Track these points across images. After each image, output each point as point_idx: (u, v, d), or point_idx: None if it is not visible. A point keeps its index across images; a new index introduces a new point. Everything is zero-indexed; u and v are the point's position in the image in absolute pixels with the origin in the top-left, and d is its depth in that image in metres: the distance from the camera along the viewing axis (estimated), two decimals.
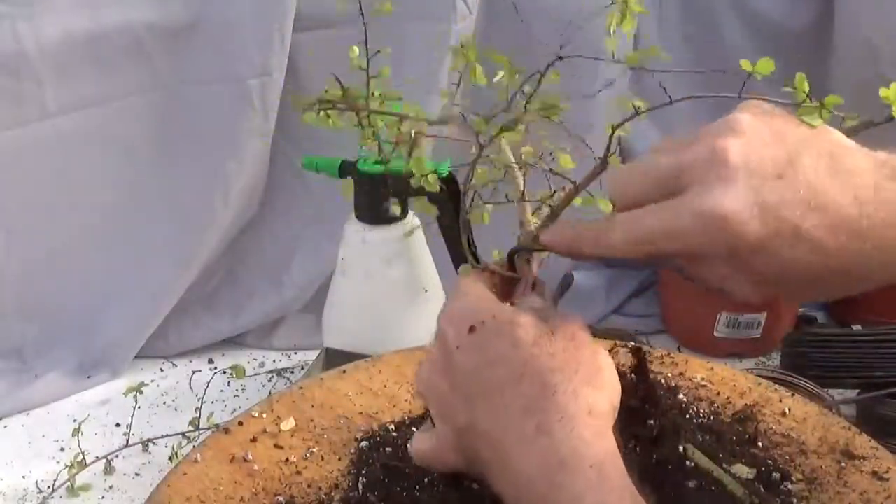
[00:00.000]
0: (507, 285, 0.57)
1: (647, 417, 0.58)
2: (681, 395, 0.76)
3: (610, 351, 0.57)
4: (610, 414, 0.49)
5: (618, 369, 0.53)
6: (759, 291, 0.49)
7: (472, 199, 0.56)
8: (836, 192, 0.46)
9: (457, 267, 0.98)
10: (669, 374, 0.78)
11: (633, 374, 0.58)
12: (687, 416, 0.69)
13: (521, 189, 0.57)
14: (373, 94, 0.59)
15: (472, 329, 0.51)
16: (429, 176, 0.59)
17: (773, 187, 0.46)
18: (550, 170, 0.55)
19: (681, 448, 0.58)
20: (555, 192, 0.56)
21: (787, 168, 0.47)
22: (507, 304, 0.53)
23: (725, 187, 0.46)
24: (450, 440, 0.52)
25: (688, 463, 0.59)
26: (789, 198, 0.46)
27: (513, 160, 0.56)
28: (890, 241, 0.46)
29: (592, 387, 0.49)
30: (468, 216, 0.57)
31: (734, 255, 0.47)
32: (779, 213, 0.46)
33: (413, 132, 0.56)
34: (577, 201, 0.55)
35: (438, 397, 0.53)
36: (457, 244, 0.97)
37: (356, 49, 0.57)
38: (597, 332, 0.54)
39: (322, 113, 0.58)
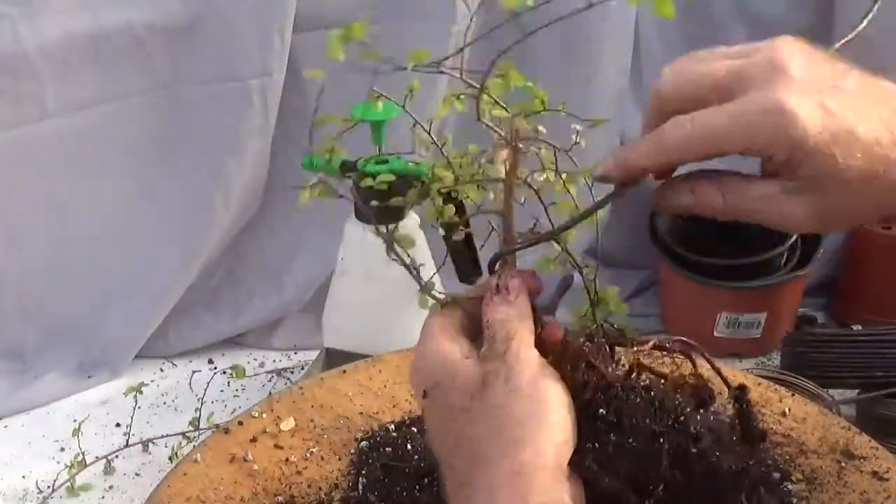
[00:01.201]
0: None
1: (596, 409, 0.53)
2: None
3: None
4: (539, 466, 0.47)
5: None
6: (812, 212, 0.49)
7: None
8: (881, 107, 0.49)
9: (457, 268, 0.98)
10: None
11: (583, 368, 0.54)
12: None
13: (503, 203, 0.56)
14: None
15: (425, 394, 0.51)
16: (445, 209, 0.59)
17: (832, 93, 0.49)
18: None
19: None
20: (535, 224, 0.56)
21: (839, 80, 0.50)
22: (451, 363, 0.51)
23: (789, 88, 0.48)
24: None
25: None
26: (845, 103, 0.48)
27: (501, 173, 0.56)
28: None
29: (522, 443, 0.47)
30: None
31: (794, 155, 0.47)
32: (836, 115, 0.48)
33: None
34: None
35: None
36: (460, 253, 0.97)
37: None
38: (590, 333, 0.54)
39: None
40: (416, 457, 0.68)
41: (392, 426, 0.74)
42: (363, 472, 0.69)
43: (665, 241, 1.15)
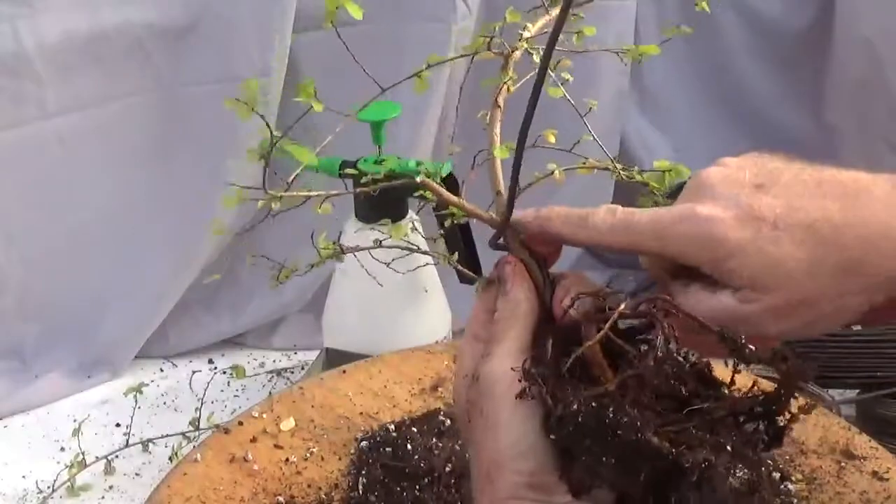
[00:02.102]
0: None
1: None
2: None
3: None
4: (521, 496, 0.46)
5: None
6: (776, 315, 0.48)
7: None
8: (819, 198, 0.47)
9: (458, 273, 0.98)
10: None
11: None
12: None
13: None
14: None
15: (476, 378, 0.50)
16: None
17: (751, 193, 0.48)
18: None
19: None
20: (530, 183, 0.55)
21: (766, 179, 0.49)
22: (460, 379, 0.51)
23: (704, 197, 0.48)
24: None
25: None
26: (767, 200, 0.47)
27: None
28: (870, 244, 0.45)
29: (489, 481, 0.46)
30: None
31: (719, 256, 0.47)
32: (757, 213, 0.47)
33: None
34: None
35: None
36: (456, 244, 0.97)
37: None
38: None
39: None
40: (416, 457, 0.68)
41: (392, 426, 0.74)
42: (363, 472, 0.69)
43: None
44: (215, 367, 1.14)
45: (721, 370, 0.50)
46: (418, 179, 0.55)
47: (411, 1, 1.10)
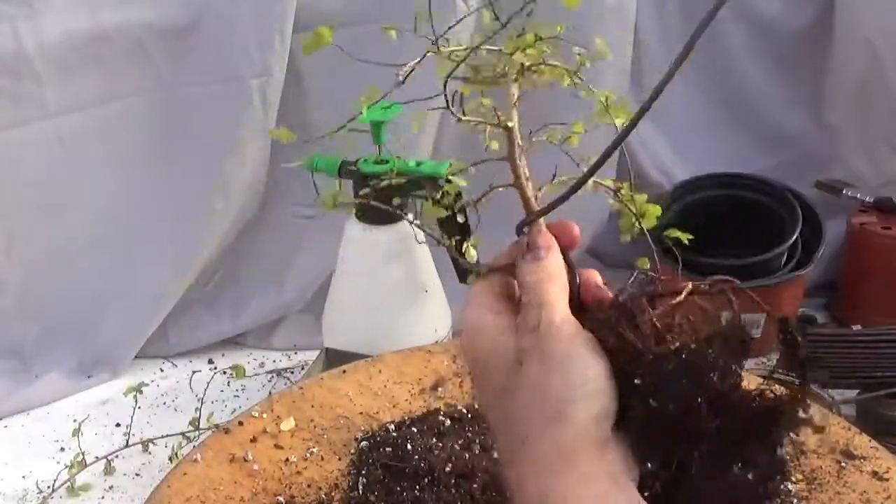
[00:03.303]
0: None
1: (633, 376, 0.51)
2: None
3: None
4: (582, 438, 0.47)
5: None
6: None
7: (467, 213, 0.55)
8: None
9: (457, 267, 0.98)
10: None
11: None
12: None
13: (524, 171, 0.56)
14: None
15: (469, 372, 0.52)
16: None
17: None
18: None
19: None
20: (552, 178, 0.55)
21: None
22: (492, 340, 0.51)
23: None
24: None
25: None
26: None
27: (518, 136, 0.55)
28: None
29: (561, 422, 0.47)
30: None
31: None
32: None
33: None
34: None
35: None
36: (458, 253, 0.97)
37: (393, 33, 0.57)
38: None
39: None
40: (416, 457, 0.67)
41: (392, 426, 0.74)
42: (363, 472, 0.69)
43: (665, 241, 1.15)
44: (215, 367, 1.14)
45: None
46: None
47: (411, 1, 1.09)
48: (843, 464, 0.71)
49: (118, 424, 1.03)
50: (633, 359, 0.49)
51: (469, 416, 0.74)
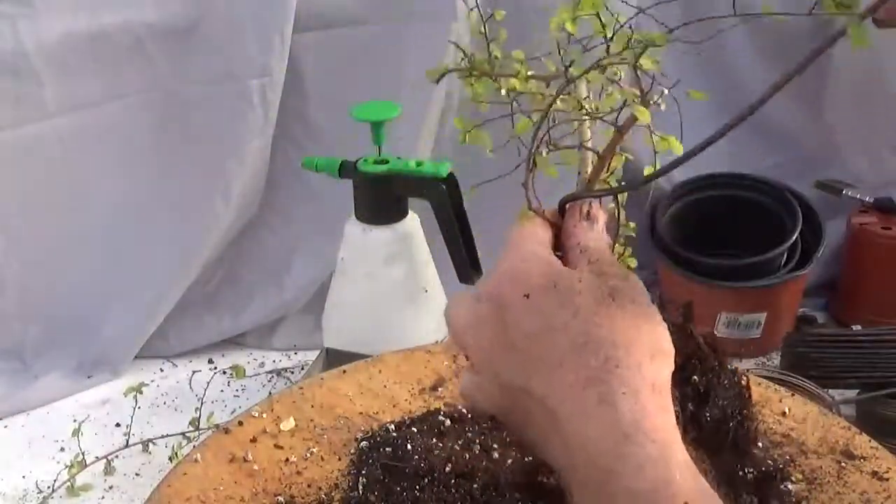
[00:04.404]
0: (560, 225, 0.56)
1: (691, 374, 0.56)
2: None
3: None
4: (669, 387, 0.49)
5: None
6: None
7: (536, 149, 0.54)
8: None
9: (457, 267, 0.98)
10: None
11: (677, 331, 0.54)
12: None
13: (587, 138, 0.56)
14: (496, 56, 0.58)
15: (528, 295, 0.50)
16: None
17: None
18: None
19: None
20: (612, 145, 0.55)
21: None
22: (567, 268, 0.52)
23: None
24: (490, 390, 0.53)
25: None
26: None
27: (585, 106, 0.55)
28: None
29: (654, 361, 0.48)
30: (534, 161, 0.55)
31: None
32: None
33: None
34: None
35: (482, 350, 0.52)
36: (456, 243, 0.97)
37: (473, 14, 0.57)
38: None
39: (467, 79, 0.58)
40: (416, 457, 0.67)
41: (392, 426, 0.74)
42: (363, 472, 0.69)
43: (665, 241, 1.15)
44: (215, 367, 1.14)
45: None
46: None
47: (411, 1, 1.10)
48: (843, 464, 0.71)
49: (118, 424, 1.03)
50: (694, 357, 0.51)
51: (469, 416, 0.74)
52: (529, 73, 0.56)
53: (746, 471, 0.56)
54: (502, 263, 0.52)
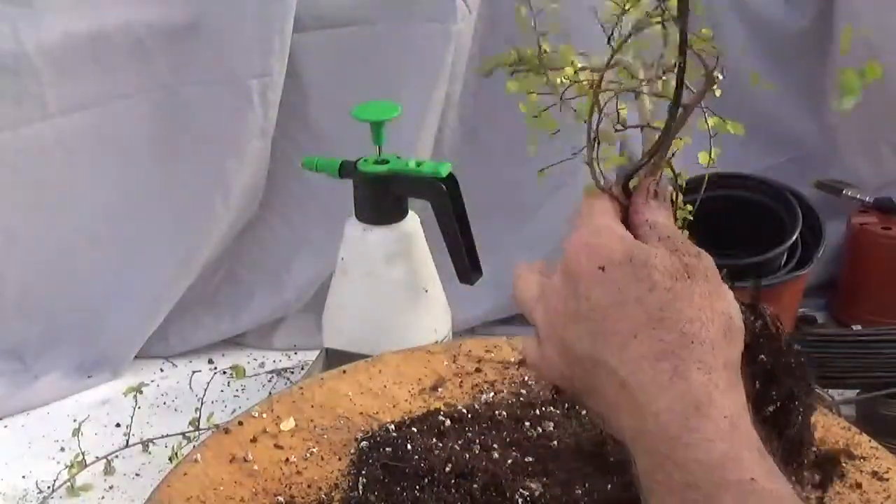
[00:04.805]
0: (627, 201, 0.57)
1: (760, 352, 0.57)
2: None
3: None
4: (739, 365, 0.50)
5: None
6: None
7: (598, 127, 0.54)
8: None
9: (457, 267, 0.98)
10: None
11: (747, 310, 0.56)
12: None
13: (648, 116, 0.56)
14: (545, 51, 0.58)
15: (603, 268, 0.51)
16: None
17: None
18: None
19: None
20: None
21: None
22: (641, 243, 0.53)
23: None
24: (555, 360, 0.54)
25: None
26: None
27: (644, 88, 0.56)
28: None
29: (727, 339, 0.49)
30: (598, 136, 0.56)
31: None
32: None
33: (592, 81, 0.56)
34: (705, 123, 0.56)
35: (551, 319, 0.53)
36: (456, 243, 0.97)
37: (523, 9, 0.57)
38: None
39: (513, 75, 0.58)
40: (416, 457, 0.67)
41: (392, 426, 0.74)
42: (363, 472, 0.69)
43: None
44: (215, 367, 1.14)
45: None
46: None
47: (411, 1, 1.10)
48: (843, 464, 0.71)
49: (118, 424, 1.03)
50: (762, 337, 0.54)
51: (469, 416, 0.74)
52: (580, 65, 0.56)
53: (810, 450, 0.57)
54: (573, 238, 0.53)
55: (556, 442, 0.69)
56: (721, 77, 0.53)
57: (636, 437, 0.49)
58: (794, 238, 1.12)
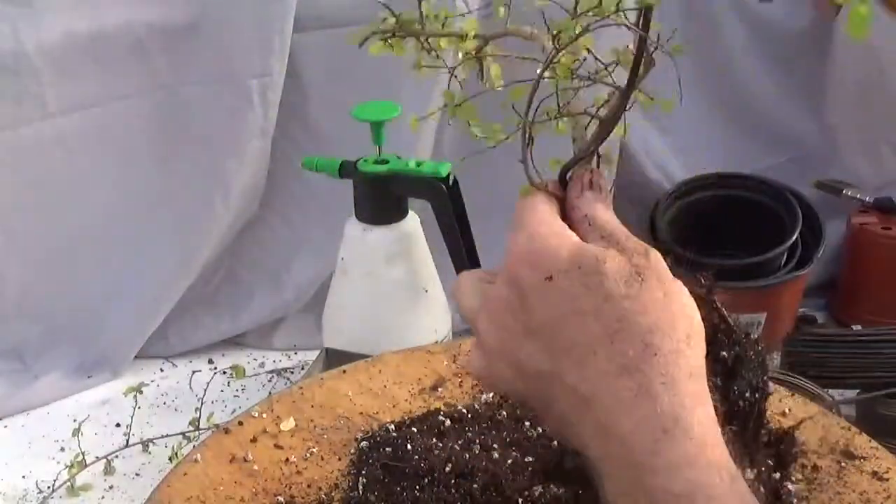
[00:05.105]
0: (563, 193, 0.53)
1: (720, 348, 0.55)
2: None
3: None
4: (705, 371, 0.47)
5: None
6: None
7: (534, 114, 0.52)
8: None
9: (457, 267, 0.98)
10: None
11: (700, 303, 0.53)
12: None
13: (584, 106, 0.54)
14: (427, 16, 0.57)
15: (550, 277, 0.47)
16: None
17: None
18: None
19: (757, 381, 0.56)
20: (607, 100, 0.52)
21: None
22: (587, 245, 0.49)
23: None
24: (507, 375, 0.50)
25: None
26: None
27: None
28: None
29: (690, 345, 0.47)
30: (531, 133, 0.52)
31: None
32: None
33: (476, 50, 0.53)
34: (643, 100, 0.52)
35: (499, 334, 0.50)
36: (456, 243, 0.97)
37: None
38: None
39: (386, 42, 0.57)
40: (416, 457, 0.67)
41: (392, 426, 0.74)
42: (363, 472, 0.69)
43: (665, 241, 1.15)
44: (215, 367, 1.14)
45: None
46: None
47: (411, 1, 1.09)
48: (843, 464, 0.71)
49: (118, 424, 1.03)
50: (721, 332, 0.52)
51: (469, 416, 0.74)
52: (472, 33, 0.54)
53: (762, 432, 0.56)
54: (514, 244, 0.50)
55: (556, 442, 0.69)
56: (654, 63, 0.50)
57: (602, 459, 0.47)
58: (794, 238, 1.12)
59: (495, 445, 0.68)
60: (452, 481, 0.64)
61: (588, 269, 0.47)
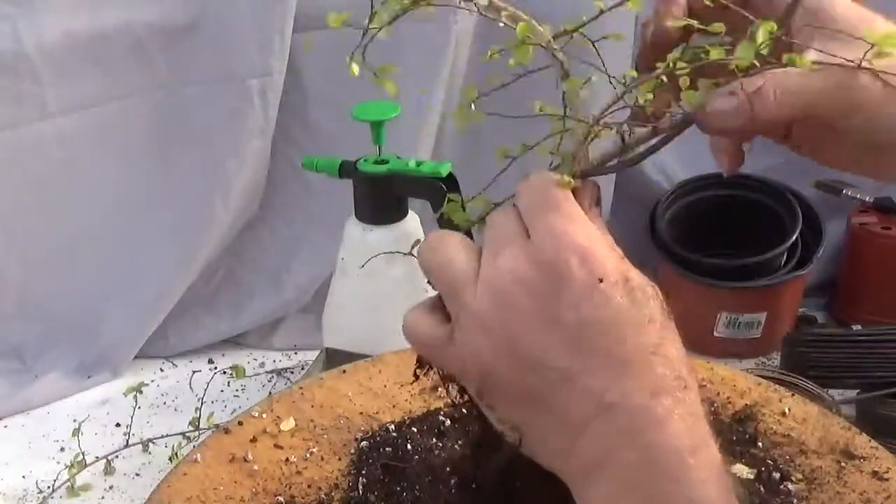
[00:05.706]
0: None
1: None
2: None
3: None
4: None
5: None
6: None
7: None
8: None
9: None
10: None
11: None
12: None
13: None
14: None
15: (601, 280, 0.47)
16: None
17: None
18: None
19: None
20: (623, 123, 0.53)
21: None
22: (630, 265, 0.49)
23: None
24: (484, 355, 0.49)
25: None
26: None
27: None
28: None
29: (690, 371, 0.48)
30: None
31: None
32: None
33: None
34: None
35: (508, 315, 0.48)
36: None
37: None
38: None
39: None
40: (416, 457, 0.68)
41: (392, 426, 0.74)
42: (363, 472, 0.69)
43: (665, 241, 1.15)
44: (215, 367, 1.14)
45: (721, 369, 0.52)
46: None
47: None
48: (843, 464, 0.71)
49: (118, 424, 1.03)
50: None
51: (469, 416, 0.74)
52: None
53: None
54: (563, 233, 0.48)
55: None
56: None
57: (603, 462, 0.46)
58: (794, 238, 1.12)
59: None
60: (452, 481, 0.64)
61: (637, 286, 0.48)
